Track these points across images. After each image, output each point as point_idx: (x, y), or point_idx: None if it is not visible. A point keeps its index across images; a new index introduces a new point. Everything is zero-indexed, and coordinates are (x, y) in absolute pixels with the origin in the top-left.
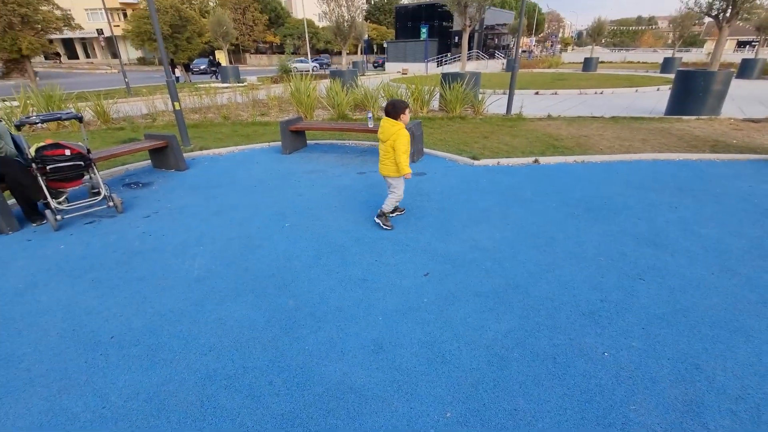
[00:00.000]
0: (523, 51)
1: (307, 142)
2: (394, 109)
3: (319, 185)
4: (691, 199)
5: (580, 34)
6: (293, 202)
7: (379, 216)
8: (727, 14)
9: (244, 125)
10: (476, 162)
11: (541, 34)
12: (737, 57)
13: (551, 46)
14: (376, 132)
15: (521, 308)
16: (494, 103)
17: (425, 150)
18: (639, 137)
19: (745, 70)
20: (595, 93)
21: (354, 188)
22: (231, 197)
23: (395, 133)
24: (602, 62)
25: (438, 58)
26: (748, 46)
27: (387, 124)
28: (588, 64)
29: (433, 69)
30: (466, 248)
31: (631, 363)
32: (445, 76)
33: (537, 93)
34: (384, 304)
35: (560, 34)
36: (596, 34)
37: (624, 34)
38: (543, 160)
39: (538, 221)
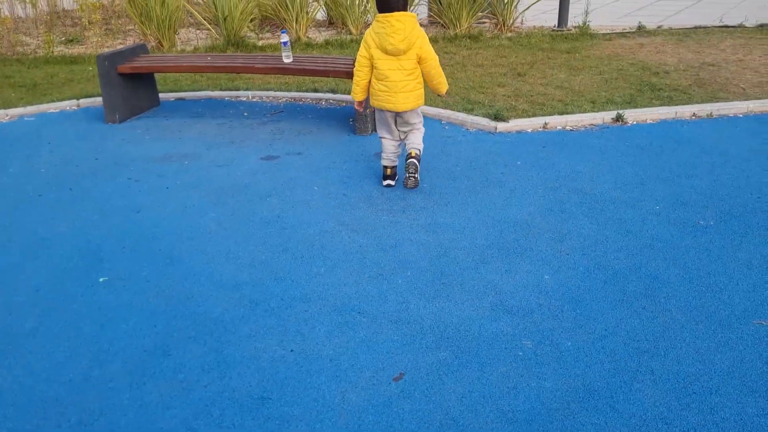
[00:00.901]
0: None
1: (161, 96)
2: None
3: (181, 187)
4: None
5: None
6: (122, 226)
7: (417, 158)
8: None
9: (28, 64)
10: (501, 126)
11: None
12: None
13: None
14: (295, 72)
15: None
16: (535, 7)
17: None
18: None
19: None
20: None
21: (256, 189)
22: None
23: (421, 36)
24: None
25: None
26: None
27: (402, 22)
28: None
29: None
30: (488, 327)
31: None
32: None
33: None
34: None
35: None
36: None
37: None
38: (632, 115)
39: (629, 248)
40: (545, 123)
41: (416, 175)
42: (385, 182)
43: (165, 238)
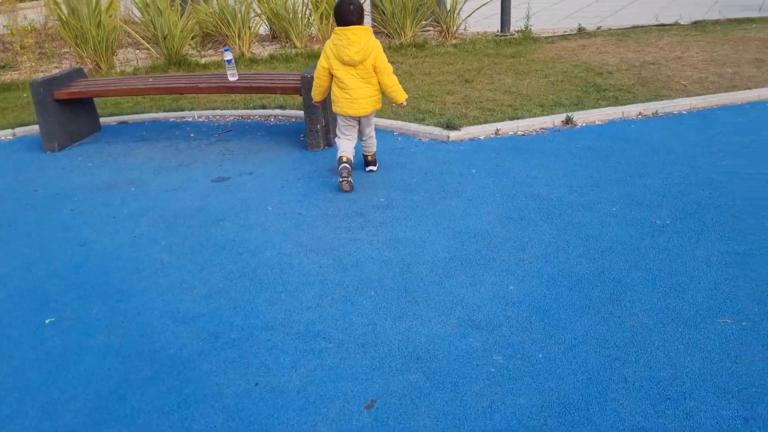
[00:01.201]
0: None
1: (102, 121)
2: (356, 10)
3: (128, 216)
4: None
5: None
6: (67, 261)
7: (372, 162)
8: None
9: None
10: (453, 134)
11: None
12: None
13: None
14: (242, 90)
15: None
16: (477, 14)
17: None
18: (748, 57)
19: None
20: None
21: (208, 214)
22: None
23: (376, 48)
24: None
25: None
26: None
27: (357, 35)
28: None
29: None
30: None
31: None
32: None
33: None
34: None
35: None
36: None
37: None
38: (581, 117)
39: (590, 252)
40: (497, 129)
41: (375, 168)
42: (341, 166)
43: (114, 271)
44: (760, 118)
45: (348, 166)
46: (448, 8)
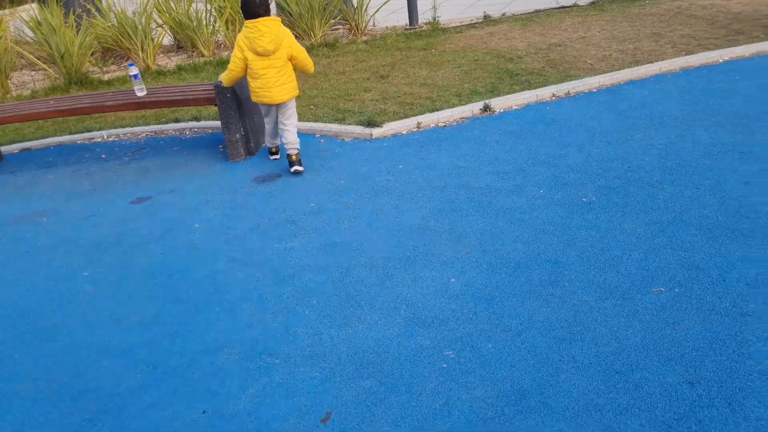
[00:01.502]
0: None
1: (2, 149)
2: (262, 2)
3: (43, 249)
4: None
5: None
6: None
7: (297, 162)
8: None
9: None
10: (376, 131)
11: None
12: None
13: None
14: (152, 105)
15: None
16: (384, 9)
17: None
18: (646, 32)
19: None
20: None
21: (131, 238)
22: None
23: (288, 35)
24: None
25: None
26: None
27: (268, 26)
28: None
29: None
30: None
31: None
32: None
33: None
34: None
35: None
36: None
37: None
38: (498, 103)
39: (524, 236)
40: (418, 123)
41: (301, 168)
42: (272, 158)
43: (35, 310)
44: (664, 90)
45: (277, 156)
46: (355, 5)
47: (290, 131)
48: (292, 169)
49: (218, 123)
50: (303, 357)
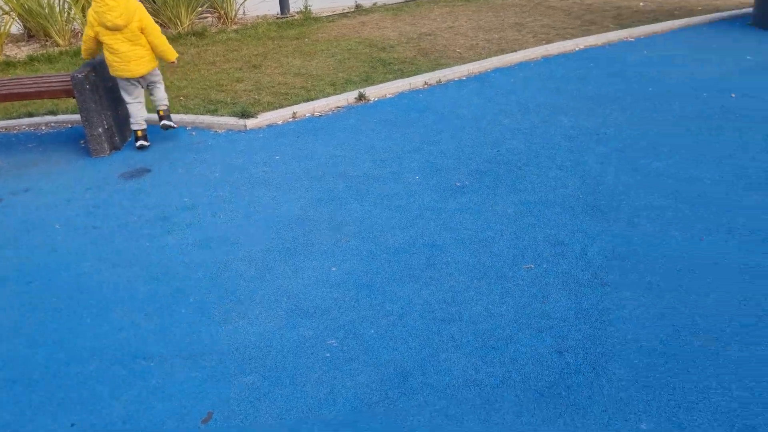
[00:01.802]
0: None
1: None
2: None
3: None
4: (624, 113)
5: None
6: None
7: (167, 117)
8: None
9: None
10: (250, 122)
11: None
12: None
13: None
14: (0, 99)
15: None
16: None
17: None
18: (509, 21)
19: None
20: None
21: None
22: None
23: (139, 9)
24: None
25: None
26: None
27: (116, 1)
28: None
29: None
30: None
31: None
32: None
33: None
34: None
35: None
36: None
37: None
38: (372, 92)
39: (402, 222)
40: (294, 113)
41: (171, 123)
42: (138, 143)
43: None
44: (527, 77)
45: (144, 142)
46: None
47: (159, 90)
48: (162, 124)
49: (78, 117)
50: (181, 358)
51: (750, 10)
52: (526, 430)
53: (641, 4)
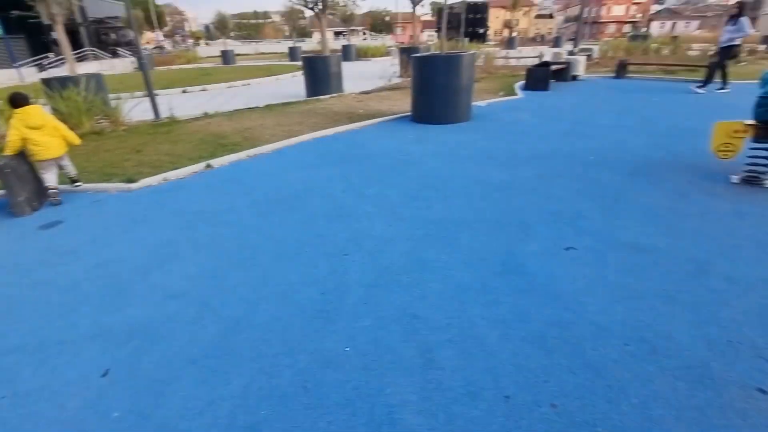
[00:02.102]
0: (155, 47)
1: None
2: (23, 97)
3: None
4: (356, 165)
5: (207, 27)
6: None
7: (77, 180)
8: (321, 8)
9: None
10: (135, 185)
11: (166, 28)
12: (339, 44)
13: (183, 40)
14: None
15: None
16: (137, 108)
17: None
18: (295, 120)
19: (346, 54)
20: (243, 85)
21: None
22: None
23: (49, 115)
24: (238, 54)
25: (36, 60)
26: (342, 36)
27: (35, 109)
28: (226, 57)
29: (34, 75)
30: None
31: None
32: (48, 82)
33: (185, 91)
34: None
35: (187, 28)
36: (222, 27)
37: (248, 27)
38: (216, 162)
39: (238, 240)
40: (164, 177)
41: (79, 182)
42: (51, 199)
43: None
44: (302, 151)
45: (56, 195)
46: (114, 106)
47: (68, 165)
48: (75, 185)
49: (4, 191)
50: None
51: (410, 113)
52: None
53: (360, 111)
